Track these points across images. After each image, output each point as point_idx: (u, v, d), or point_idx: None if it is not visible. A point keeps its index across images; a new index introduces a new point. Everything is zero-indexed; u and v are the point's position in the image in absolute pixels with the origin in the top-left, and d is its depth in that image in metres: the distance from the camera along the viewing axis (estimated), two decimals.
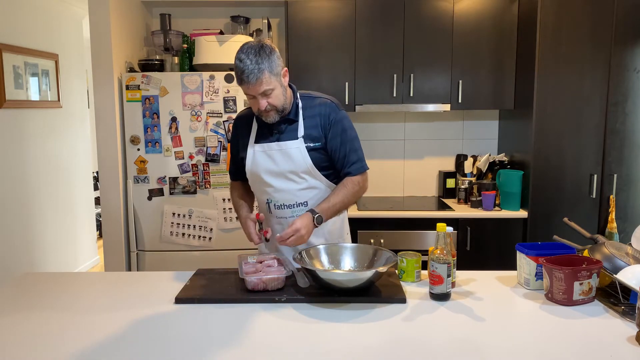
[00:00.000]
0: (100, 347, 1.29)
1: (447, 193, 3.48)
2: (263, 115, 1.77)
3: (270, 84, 1.70)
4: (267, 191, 1.87)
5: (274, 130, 1.84)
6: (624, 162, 2.97)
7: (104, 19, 2.97)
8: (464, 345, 1.28)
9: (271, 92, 1.72)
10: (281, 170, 1.83)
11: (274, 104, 1.74)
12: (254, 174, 1.88)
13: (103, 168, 3.06)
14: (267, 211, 1.91)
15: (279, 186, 1.85)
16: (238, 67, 1.68)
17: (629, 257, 1.62)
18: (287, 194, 1.85)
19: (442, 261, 1.54)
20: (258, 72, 1.66)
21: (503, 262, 2.97)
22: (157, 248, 3.09)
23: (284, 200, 1.86)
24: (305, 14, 3.19)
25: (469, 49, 3.20)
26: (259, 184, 1.89)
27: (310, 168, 1.82)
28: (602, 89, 2.94)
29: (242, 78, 1.68)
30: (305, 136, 1.82)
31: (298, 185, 1.84)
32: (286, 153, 1.82)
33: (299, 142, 1.81)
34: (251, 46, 1.69)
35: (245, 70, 1.66)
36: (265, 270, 1.68)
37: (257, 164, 1.86)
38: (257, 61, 1.66)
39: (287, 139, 1.82)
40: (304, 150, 1.81)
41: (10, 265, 3.62)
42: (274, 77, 1.71)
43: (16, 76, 3.71)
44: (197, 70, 3.07)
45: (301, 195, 1.85)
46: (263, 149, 1.85)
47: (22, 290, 1.72)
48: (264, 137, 1.86)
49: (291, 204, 1.86)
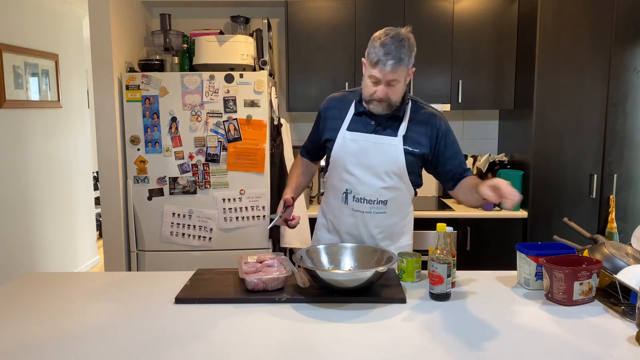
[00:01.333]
0: (101, 347, 1.29)
1: (447, 193, 3.47)
2: (375, 103, 1.74)
3: (399, 77, 1.69)
4: (348, 181, 1.83)
5: (375, 122, 1.80)
6: (624, 162, 2.97)
7: (104, 19, 2.97)
8: (464, 345, 1.28)
9: (396, 85, 1.70)
10: (371, 163, 1.79)
11: (392, 97, 1.72)
12: (339, 160, 1.83)
13: (103, 168, 3.05)
14: (343, 201, 1.86)
15: (364, 179, 1.81)
16: (378, 49, 1.64)
17: (629, 257, 1.62)
18: (369, 188, 1.81)
19: (442, 261, 1.54)
20: (398, 61, 1.64)
21: (503, 262, 2.97)
22: (157, 248, 3.09)
23: (365, 193, 1.81)
24: (305, 14, 3.19)
25: (469, 49, 3.20)
26: (342, 172, 1.84)
27: (401, 169, 1.79)
28: (602, 89, 2.94)
29: (380, 61, 1.64)
30: (406, 137, 1.79)
31: (383, 182, 1.81)
32: (381, 147, 1.78)
33: (397, 140, 1.78)
34: (399, 34, 1.66)
35: (387, 54, 1.63)
36: (265, 270, 1.68)
37: (345, 151, 1.82)
38: (402, 51, 1.64)
39: (386, 135, 1.79)
40: (401, 149, 1.78)
41: (10, 265, 3.62)
42: (405, 71, 1.70)
43: (16, 76, 3.71)
44: (197, 70, 3.07)
45: (384, 193, 1.81)
46: (355, 138, 1.80)
47: (22, 290, 1.72)
48: (359, 126, 1.82)
49: (372, 199, 1.82)
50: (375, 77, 1.69)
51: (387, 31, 1.67)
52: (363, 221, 1.86)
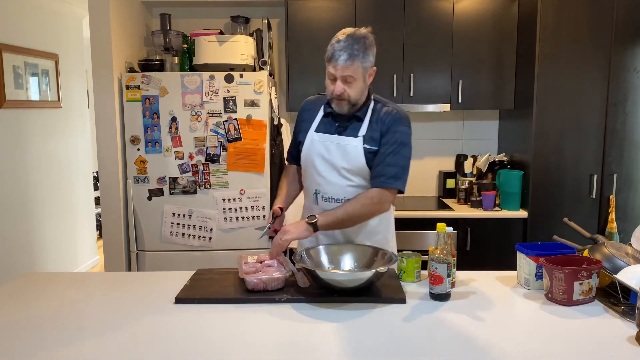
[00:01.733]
0: (101, 347, 1.29)
1: (447, 193, 3.48)
2: (335, 101, 1.78)
3: (355, 74, 1.72)
4: (317, 181, 1.87)
5: (338, 123, 1.85)
6: (624, 162, 2.97)
7: (104, 19, 2.97)
8: (464, 345, 1.28)
9: (352, 82, 1.73)
10: (335, 163, 1.83)
11: (350, 94, 1.75)
12: (308, 161, 1.88)
13: (103, 168, 3.05)
14: (314, 202, 1.90)
15: (330, 179, 1.84)
16: (332, 45, 1.71)
17: (629, 257, 1.62)
18: (336, 187, 1.84)
19: (442, 261, 1.54)
20: (349, 57, 1.68)
21: (503, 262, 2.96)
22: (157, 248, 3.09)
23: (332, 193, 1.85)
24: (305, 14, 3.19)
25: (469, 49, 3.20)
26: (311, 172, 1.88)
27: (362, 168, 1.82)
28: (602, 89, 2.94)
29: (332, 56, 1.70)
30: (366, 137, 1.81)
31: (348, 181, 1.84)
32: (343, 148, 1.82)
33: (357, 141, 1.81)
34: (354, 32, 1.71)
35: (338, 50, 1.69)
36: (265, 270, 1.68)
37: (313, 152, 1.86)
38: (354, 48, 1.69)
39: (347, 135, 1.83)
40: (361, 149, 1.80)
41: (10, 265, 3.62)
42: (361, 69, 1.72)
43: (16, 76, 3.71)
44: (197, 70, 3.07)
45: (350, 191, 1.83)
46: (321, 139, 1.85)
47: (22, 290, 1.72)
48: (325, 128, 1.87)
49: (339, 198, 1.84)
50: (330, 74, 1.74)
51: (345, 30, 1.74)
52: None
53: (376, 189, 1.79)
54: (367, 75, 1.77)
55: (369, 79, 1.80)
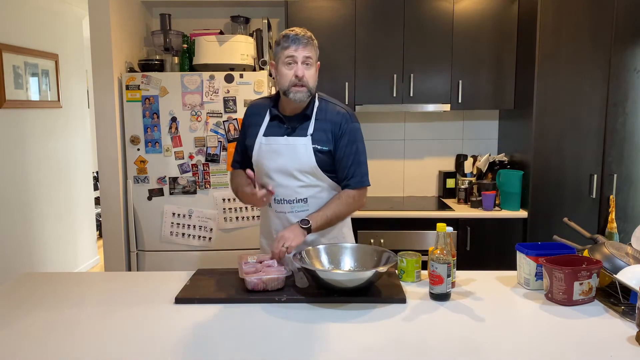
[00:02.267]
0: (100, 347, 1.29)
1: (447, 193, 3.48)
2: (294, 89, 1.78)
3: (313, 57, 1.80)
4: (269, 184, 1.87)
5: (287, 125, 1.85)
6: (624, 162, 2.97)
7: (104, 19, 2.97)
8: (464, 345, 1.28)
9: (311, 65, 1.79)
10: (285, 165, 1.84)
11: (309, 79, 1.79)
12: (258, 165, 1.90)
13: (103, 168, 3.05)
14: (267, 205, 1.92)
15: (281, 181, 1.85)
16: (288, 34, 1.77)
17: (629, 257, 1.62)
18: (287, 189, 1.86)
19: (442, 261, 1.54)
20: (310, 40, 1.79)
21: (503, 262, 2.96)
22: (157, 248, 3.09)
23: (284, 195, 1.86)
24: (305, 14, 3.19)
25: (469, 49, 3.20)
26: (262, 176, 1.90)
27: (313, 168, 1.83)
28: (602, 89, 2.94)
29: (294, 39, 1.76)
30: (314, 136, 1.83)
31: (299, 182, 1.85)
32: (292, 149, 1.83)
33: (306, 140, 1.82)
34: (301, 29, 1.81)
35: (298, 34, 1.76)
36: (265, 270, 1.68)
37: (262, 156, 1.87)
38: (307, 35, 1.79)
39: (296, 135, 1.84)
40: (310, 149, 1.82)
41: (10, 265, 3.62)
42: (315, 57, 1.82)
43: (16, 76, 3.71)
44: (197, 70, 3.07)
45: (302, 191, 1.86)
46: (269, 143, 1.86)
47: (22, 290, 1.72)
48: (273, 131, 1.87)
49: (291, 199, 1.86)
50: (290, 57, 1.77)
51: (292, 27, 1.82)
52: (288, 221, 1.88)
53: (353, 190, 1.86)
54: (317, 69, 1.84)
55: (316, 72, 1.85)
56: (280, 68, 1.80)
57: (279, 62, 1.80)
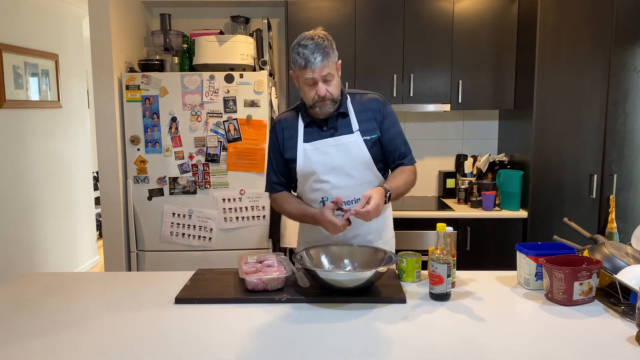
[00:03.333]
0: (100, 347, 1.29)
1: (447, 193, 3.48)
2: (319, 104, 1.75)
3: (332, 70, 1.72)
4: (322, 189, 1.82)
5: (326, 126, 1.82)
6: (624, 162, 2.97)
7: (104, 19, 2.97)
8: (464, 345, 1.28)
9: (332, 79, 1.73)
10: (339, 165, 1.80)
11: (332, 92, 1.74)
12: (307, 172, 1.83)
13: (103, 168, 3.05)
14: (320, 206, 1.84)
15: (336, 182, 1.81)
16: (302, 52, 1.68)
17: (629, 257, 1.62)
18: (344, 190, 1.81)
19: (442, 261, 1.54)
20: (324, 55, 1.68)
21: (503, 262, 2.97)
22: (157, 248, 3.09)
23: (341, 196, 1.80)
24: (305, 14, 3.19)
25: (469, 49, 3.20)
26: (313, 182, 1.83)
27: (368, 161, 1.81)
28: (602, 89, 2.94)
29: (309, 60, 1.67)
30: (361, 130, 1.81)
31: (355, 180, 1.82)
32: (343, 147, 1.80)
33: (355, 136, 1.80)
34: (313, 35, 1.70)
35: (312, 53, 1.66)
36: (265, 270, 1.68)
37: (310, 161, 1.82)
38: (323, 46, 1.68)
39: (342, 134, 1.81)
40: (362, 143, 1.80)
41: (10, 265, 3.62)
42: (335, 65, 1.74)
43: (16, 76, 3.71)
44: (197, 70, 3.07)
45: (359, 190, 1.79)
46: (315, 147, 1.82)
47: (22, 290, 1.72)
48: (313, 135, 1.83)
49: (349, 200, 1.82)
50: (310, 79, 1.71)
51: (304, 35, 1.72)
52: None
53: (409, 166, 1.86)
54: (338, 70, 1.78)
55: (339, 73, 1.80)
56: (301, 85, 1.76)
57: (300, 79, 1.74)
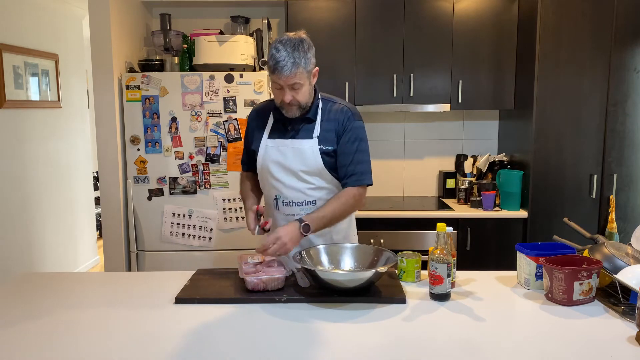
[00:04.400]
0: (100, 347, 1.29)
1: (447, 193, 3.48)
2: (285, 108, 1.77)
3: (301, 79, 1.71)
4: (276, 187, 1.86)
5: (290, 127, 1.84)
6: (624, 162, 2.97)
7: (104, 19, 2.97)
8: (464, 345, 1.28)
9: (300, 88, 1.72)
10: (292, 167, 1.82)
11: (299, 99, 1.74)
12: (264, 168, 1.87)
13: (103, 168, 3.05)
14: (274, 207, 1.89)
15: (289, 183, 1.83)
16: (274, 56, 1.67)
17: (629, 257, 1.62)
18: (296, 191, 1.84)
19: (442, 261, 1.54)
20: (293, 65, 1.67)
21: (503, 262, 2.97)
22: (157, 248, 3.09)
23: (292, 197, 1.84)
24: (305, 14, 3.19)
25: (469, 49, 3.20)
26: (269, 179, 1.87)
27: (321, 169, 1.82)
28: (602, 89, 2.94)
29: (276, 67, 1.67)
30: (320, 138, 1.81)
31: (308, 184, 1.83)
32: (299, 151, 1.81)
33: (312, 142, 1.81)
34: (290, 38, 1.69)
35: (281, 60, 1.66)
36: (265, 270, 1.68)
37: (268, 158, 1.85)
38: (294, 55, 1.67)
39: (301, 138, 1.82)
40: (317, 151, 1.80)
41: (10, 265, 3.62)
42: (306, 73, 1.72)
43: (16, 76, 3.71)
44: (197, 70, 3.07)
45: (310, 193, 1.84)
46: (275, 145, 1.84)
47: (22, 290, 1.72)
48: (278, 133, 1.85)
49: (300, 201, 1.84)
50: (277, 84, 1.72)
51: (281, 37, 1.71)
52: None
53: (353, 188, 1.81)
54: (312, 77, 1.77)
55: (314, 80, 1.80)
56: (271, 85, 1.77)
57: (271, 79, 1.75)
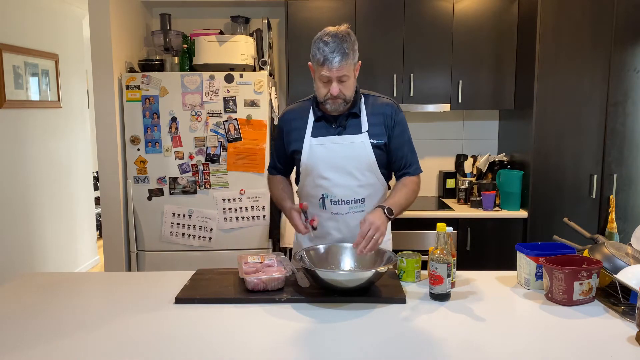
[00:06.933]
0: (100, 347, 1.29)
1: (447, 193, 3.48)
2: (330, 102, 1.75)
3: (348, 72, 1.71)
4: (323, 185, 1.83)
5: (335, 124, 1.82)
6: (624, 162, 2.97)
7: (104, 19, 2.97)
8: (464, 345, 1.28)
9: (347, 80, 1.72)
10: (342, 164, 1.80)
11: (345, 92, 1.74)
12: (310, 167, 1.83)
13: (103, 168, 3.05)
14: (321, 207, 1.85)
15: (338, 181, 1.81)
16: (322, 48, 1.67)
17: (629, 257, 1.62)
18: (345, 189, 1.82)
19: (442, 261, 1.54)
20: (343, 56, 1.67)
21: (503, 262, 2.97)
22: (157, 248, 3.09)
23: (341, 195, 1.82)
24: (305, 14, 3.19)
25: (469, 49, 3.20)
26: (315, 177, 1.84)
27: (372, 164, 1.81)
28: (602, 89, 2.94)
29: (327, 59, 1.66)
30: (370, 132, 1.81)
31: (357, 181, 1.82)
32: (349, 147, 1.80)
33: (363, 137, 1.80)
34: (339, 31, 1.70)
35: (332, 52, 1.66)
36: (265, 270, 1.68)
37: (314, 157, 1.82)
38: (344, 46, 1.67)
39: (350, 133, 1.81)
40: (369, 145, 1.80)
41: (10, 265, 3.62)
42: (353, 66, 1.73)
43: (16, 76, 3.71)
44: (197, 70, 3.07)
45: (359, 191, 1.82)
46: (322, 143, 1.82)
47: (22, 290, 1.72)
48: (322, 131, 1.83)
49: (349, 199, 1.82)
50: (325, 77, 1.71)
51: (327, 31, 1.71)
52: (345, 223, 1.85)
53: (414, 177, 1.88)
54: (355, 71, 1.78)
55: (356, 73, 1.80)
56: (316, 80, 1.76)
57: (316, 73, 1.74)
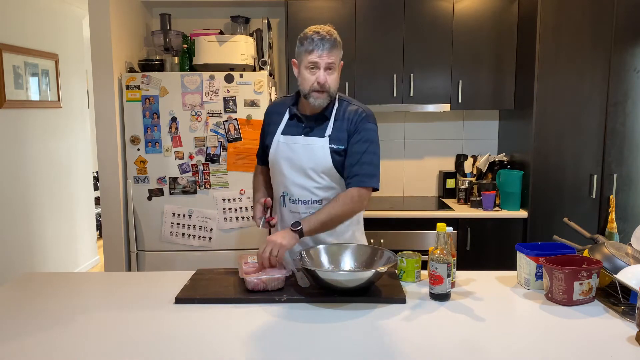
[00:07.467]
0: (100, 347, 1.29)
1: (447, 193, 3.48)
2: (315, 94, 1.76)
3: (336, 61, 1.75)
4: (284, 183, 1.87)
5: (304, 125, 1.84)
6: (624, 162, 2.97)
7: (104, 19, 2.97)
8: (464, 345, 1.28)
9: (334, 70, 1.75)
10: (301, 164, 1.82)
11: (331, 85, 1.76)
12: (275, 164, 1.88)
13: (103, 168, 3.05)
14: (281, 204, 1.90)
15: (297, 181, 1.84)
16: (312, 37, 1.71)
17: (629, 257, 1.62)
18: (302, 189, 1.84)
19: (442, 261, 1.54)
20: (334, 42, 1.72)
21: (503, 262, 2.97)
22: (157, 248, 3.09)
23: (299, 195, 1.85)
24: (305, 14, 3.19)
25: (469, 49, 3.20)
26: (278, 175, 1.89)
27: (329, 168, 1.81)
28: (602, 89, 2.94)
29: (317, 44, 1.70)
30: (332, 136, 1.81)
31: (315, 182, 1.83)
32: (309, 149, 1.81)
33: (324, 141, 1.81)
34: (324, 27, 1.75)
35: (323, 39, 1.70)
36: (265, 270, 1.68)
37: (279, 154, 1.86)
38: (332, 37, 1.73)
39: (314, 135, 1.82)
40: (327, 149, 1.80)
41: (10, 265, 3.62)
42: (339, 59, 1.77)
43: (16, 76, 3.71)
44: (197, 70, 3.07)
45: (317, 193, 1.84)
46: (287, 141, 1.85)
47: (22, 290, 1.72)
48: (291, 129, 1.86)
49: (306, 199, 1.84)
50: (313, 62, 1.73)
51: (312, 27, 1.76)
52: None
53: (355, 189, 1.78)
54: (339, 68, 1.80)
55: (339, 73, 1.82)
56: (302, 71, 1.77)
57: (301, 64, 1.76)
